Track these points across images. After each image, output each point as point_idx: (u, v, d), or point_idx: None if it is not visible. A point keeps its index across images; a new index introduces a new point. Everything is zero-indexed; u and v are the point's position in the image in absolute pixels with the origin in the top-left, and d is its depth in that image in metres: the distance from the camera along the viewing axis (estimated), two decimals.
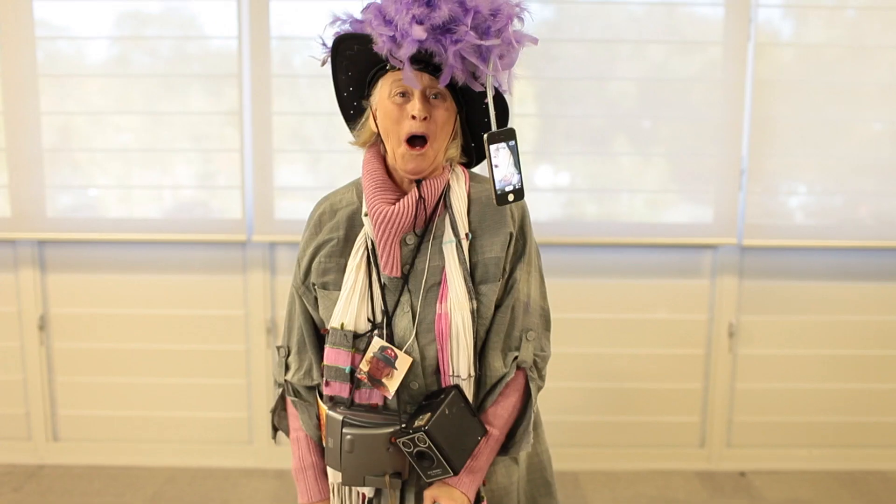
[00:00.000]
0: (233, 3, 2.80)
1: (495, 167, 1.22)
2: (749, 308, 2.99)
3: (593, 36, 2.84)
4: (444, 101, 1.32)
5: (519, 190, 1.25)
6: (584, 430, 3.07)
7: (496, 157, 1.22)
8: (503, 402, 1.40)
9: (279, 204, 2.91)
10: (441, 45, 1.22)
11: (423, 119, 1.29)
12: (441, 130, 1.32)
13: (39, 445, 3.10)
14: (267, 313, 2.99)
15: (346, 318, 1.35)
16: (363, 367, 1.33)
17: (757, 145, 2.86)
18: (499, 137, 1.22)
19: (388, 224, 1.33)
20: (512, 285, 1.40)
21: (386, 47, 1.24)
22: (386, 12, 1.25)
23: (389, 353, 1.33)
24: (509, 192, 1.24)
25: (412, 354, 1.33)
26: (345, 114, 1.45)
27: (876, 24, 2.84)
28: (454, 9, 1.22)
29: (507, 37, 1.24)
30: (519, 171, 1.24)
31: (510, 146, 1.23)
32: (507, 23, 1.25)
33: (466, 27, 1.21)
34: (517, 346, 1.42)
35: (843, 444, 3.09)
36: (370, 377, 1.33)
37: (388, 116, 1.32)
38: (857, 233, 2.91)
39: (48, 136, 2.89)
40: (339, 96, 1.42)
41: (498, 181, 1.22)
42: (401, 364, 1.32)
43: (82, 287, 3.00)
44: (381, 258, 1.35)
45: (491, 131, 1.22)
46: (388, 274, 1.35)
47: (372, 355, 1.33)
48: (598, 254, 2.96)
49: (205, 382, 3.05)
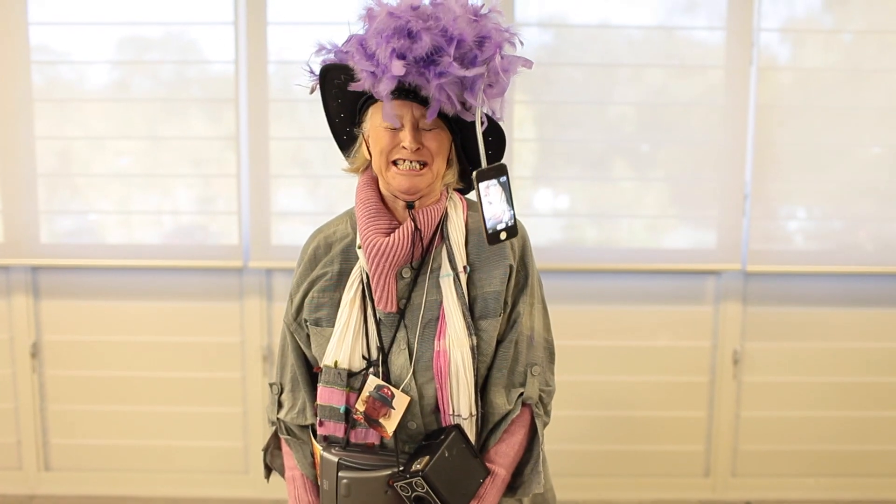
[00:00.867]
0: (230, 27, 2.77)
1: (487, 205, 1.17)
2: (753, 335, 2.94)
3: (592, 60, 2.81)
4: (436, 129, 1.28)
5: (511, 227, 1.20)
6: (585, 459, 3.01)
7: (486, 195, 1.17)
8: (508, 440, 1.36)
9: (276, 230, 2.87)
10: (424, 77, 1.18)
11: (414, 150, 1.25)
12: (437, 155, 1.29)
13: (31, 475, 3.03)
14: (263, 340, 2.94)
15: (340, 356, 1.30)
16: (359, 406, 1.28)
17: (760, 170, 2.83)
18: (489, 174, 1.17)
19: (383, 257, 1.28)
20: (515, 319, 1.36)
21: (367, 83, 1.20)
22: (367, 45, 1.20)
23: (386, 391, 1.28)
24: (501, 230, 1.19)
25: (410, 393, 1.29)
26: (338, 140, 1.41)
27: (873, 48, 2.82)
28: (437, 39, 1.17)
29: (494, 66, 1.19)
30: (511, 206, 1.20)
31: (501, 182, 1.18)
32: (495, 51, 1.20)
33: (450, 58, 1.16)
34: (522, 382, 1.37)
35: (850, 473, 3.03)
36: (367, 417, 1.28)
37: (379, 144, 1.28)
38: (863, 258, 2.87)
39: (43, 160, 2.86)
40: (330, 122, 1.38)
41: (489, 220, 1.17)
42: (398, 403, 1.28)
43: (76, 314, 2.96)
44: (376, 293, 1.30)
45: (480, 169, 1.17)
46: (383, 309, 1.31)
47: (368, 394, 1.28)
48: (598, 280, 2.92)
49: (200, 411, 2.99)
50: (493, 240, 1.19)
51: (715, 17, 2.79)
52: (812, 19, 2.84)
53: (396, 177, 1.28)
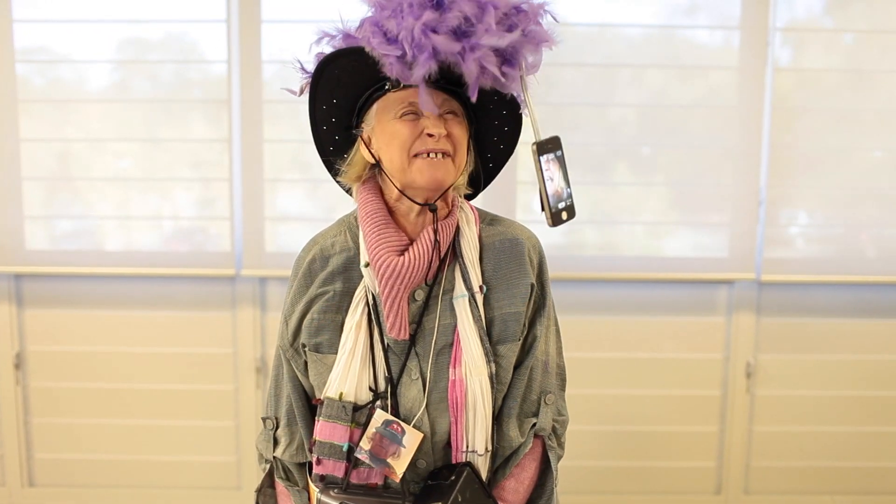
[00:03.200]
0: (222, 25, 2.66)
1: (549, 181, 1.05)
2: (767, 346, 2.86)
3: (595, 61, 2.72)
4: (458, 118, 1.16)
5: (571, 206, 1.08)
6: (591, 475, 2.93)
7: (547, 169, 1.05)
8: (519, 476, 1.24)
9: (270, 236, 2.77)
10: (459, 55, 1.04)
11: (440, 137, 1.13)
12: (460, 147, 1.16)
13: (14, 491, 2.95)
14: (257, 351, 2.84)
15: (346, 387, 1.17)
16: (364, 445, 1.15)
17: (776, 174, 2.73)
18: (548, 147, 1.05)
19: (398, 279, 1.14)
20: (531, 343, 1.24)
21: (395, 69, 1.06)
22: (386, 28, 1.06)
23: (395, 427, 1.15)
24: (562, 209, 1.06)
25: (422, 429, 1.16)
26: (322, 150, 1.27)
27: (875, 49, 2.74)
28: (469, 6, 1.03)
29: (534, 34, 1.07)
30: (568, 184, 1.08)
31: (558, 156, 1.06)
32: (532, 20, 1.07)
33: (484, 26, 1.03)
34: (535, 412, 1.25)
35: (868, 490, 2.96)
36: (373, 457, 1.15)
37: (396, 138, 1.14)
38: (883, 267, 2.78)
39: (27, 165, 2.76)
40: (315, 131, 1.24)
41: (552, 197, 1.05)
42: (409, 441, 1.14)
43: (61, 323, 2.86)
44: (387, 318, 1.16)
45: (539, 140, 1.05)
46: (395, 337, 1.17)
47: (374, 431, 1.15)
48: (606, 289, 2.83)
49: (190, 424, 2.91)
50: (556, 220, 1.06)
51: (727, 17, 2.69)
52: (812, 20, 2.76)
53: (422, 168, 1.14)
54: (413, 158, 1.15)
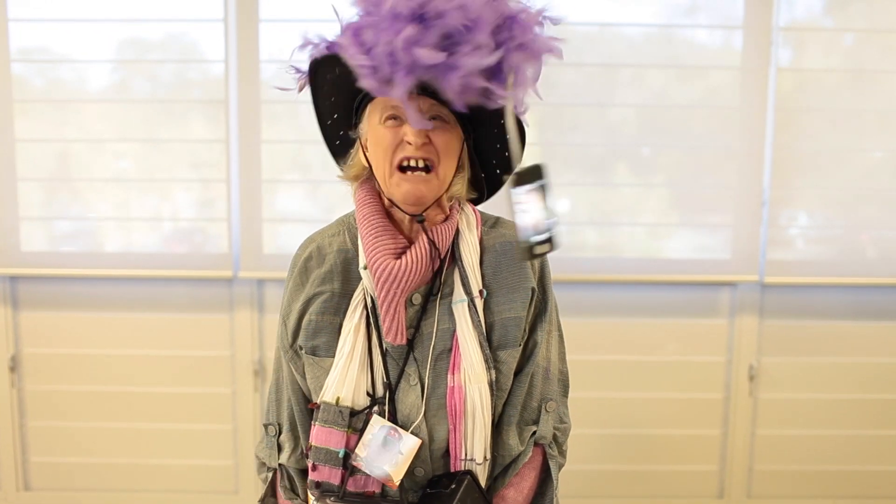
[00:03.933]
0: (220, 24, 2.63)
1: (521, 213, 0.98)
2: (770, 349, 2.83)
3: (595, 61, 2.70)
4: (445, 125, 1.11)
5: (551, 239, 0.99)
6: (592, 479, 2.90)
7: (519, 202, 0.98)
8: (517, 485, 1.21)
9: (268, 238, 2.74)
10: (440, 72, 0.98)
11: (420, 145, 1.08)
12: (444, 156, 1.11)
13: (9, 495, 2.92)
14: (254, 354, 2.81)
15: (343, 392, 1.14)
16: (360, 451, 1.13)
17: (779, 175, 2.71)
18: (525, 178, 0.98)
19: (394, 282, 1.11)
20: (532, 349, 1.21)
21: (367, 82, 1.00)
22: (363, 38, 1.00)
23: (393, 434, 1.13)
24: (537, 242, 0.98)
25: (420, 436, 1.13)
26: (330, 145, 1.24)
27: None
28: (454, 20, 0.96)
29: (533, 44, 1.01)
30: (551, 214, 0.99)
31: (539, 187, 0.98)
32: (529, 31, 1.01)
33: (473, 45, 0.97)
34: (535, 419, 1.22)
35: (871, 494, 2.93)
36: (369, 464, 1.13)
37: (380, 144, 1.11)
38: (889, 269, 2.75)
39: (23, 166, 2.73)
40: (322, 125, 1.21)
41: (526, 230, 0.98)
42: (407, 448, 1.12)
43: (56, 325, 2.84)
44: (384, 322, 1.13)
45: (517, 171, 0.98)
46: (392, 342, 1.14)
47: (371, 437, 1.13)
48: (607, 291, 2.80)
49: (188, 428, 2.88)
50: (526, 255, 1.00)
51: (729, 17, 2.67)
52: (813, 20, 2.74)
53: (400, 183, 1.11)
54: (395, 171, 1.12)
